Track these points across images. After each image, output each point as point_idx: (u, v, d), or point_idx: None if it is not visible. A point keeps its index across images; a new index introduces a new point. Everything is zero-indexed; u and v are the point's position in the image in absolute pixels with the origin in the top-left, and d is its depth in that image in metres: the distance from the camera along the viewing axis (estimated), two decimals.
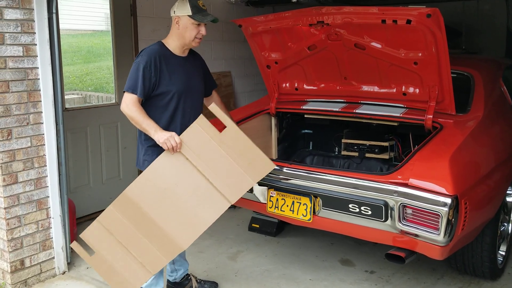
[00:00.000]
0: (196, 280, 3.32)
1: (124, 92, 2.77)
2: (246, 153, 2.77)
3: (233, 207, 3.89)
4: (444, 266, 3.63)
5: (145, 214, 2.74)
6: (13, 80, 3.16)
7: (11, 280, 3.31)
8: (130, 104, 2.73)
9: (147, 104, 2.83)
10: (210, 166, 2.74)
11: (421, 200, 2.71)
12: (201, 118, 2.74)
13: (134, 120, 2.74)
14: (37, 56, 3.27)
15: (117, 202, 2.76)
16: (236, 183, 2.76)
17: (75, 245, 2.78)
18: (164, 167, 2.74)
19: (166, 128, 2.82)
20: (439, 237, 2.68)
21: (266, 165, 2.82)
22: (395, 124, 3.61)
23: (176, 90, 2.84)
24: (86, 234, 2.79)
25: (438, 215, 2.65)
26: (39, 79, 3.30)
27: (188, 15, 2.81)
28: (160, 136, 2.68)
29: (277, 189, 3.28)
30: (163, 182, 2.75)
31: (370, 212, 2.88)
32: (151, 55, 2.78)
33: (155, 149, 2.82)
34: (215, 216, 2.78)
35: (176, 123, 2.88)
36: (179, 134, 2.72)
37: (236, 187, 2.77)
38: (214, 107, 2.74)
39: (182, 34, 2.86)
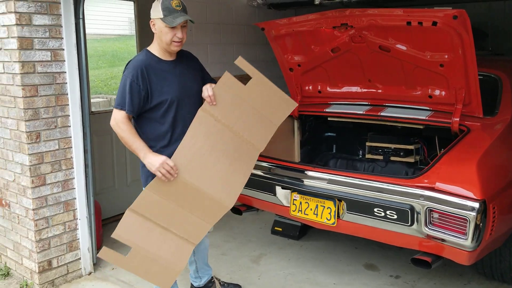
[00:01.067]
0: (220, 283, 3.34)
1: (114, 109, 2.61)
2: (270, 100, 2.87)
3: (256, 210, 3.90)
4: (471, 272, 3.56)
5: (186, 184, 2.64)
6: (41, 84, 3.23)
7: (39, 280, 3.37)
8: (119, 122, 2.56)
9: (144, 118, 2.68)
10: (239, 121, 2.78)
11: (448, 204, 2.66)
12: (226, 74, 2.79)
13: (123, 140, 2.59)
14: (64, 60, 3.33)
15: (153, 183, 2.63)
16: (263, 131, 2.87)
17: (104, 252, 2.61)
18: (196, 134, 2.66)
19: (170, 140, 2.69)
20: (467, 242, 2.63)
21: (289, 105, 2.92)
22: (421, 127, 3.56)
23: (171, 97, 2.65)
24: (119, 231, 2.61)
25: (466, 219, 2.60)
26: (66, 83, 3.36)
27: (160, 18, 2.61)
28: (151, 162, 2.54)
29: (300, 192, 3.26)
30: (199, 147, 2.67)
31: (395, 216, 2.85)
32: (137, 67, 2.60)
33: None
34: (250, 167, 2.85)
35: (178, 132, 2.70)
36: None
37: (263, 134, 2.87)
38: (240, 59, 2.82)
39: (159, 37, 2.66)
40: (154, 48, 2.73)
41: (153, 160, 2.54)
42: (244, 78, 2.86)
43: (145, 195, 2.63)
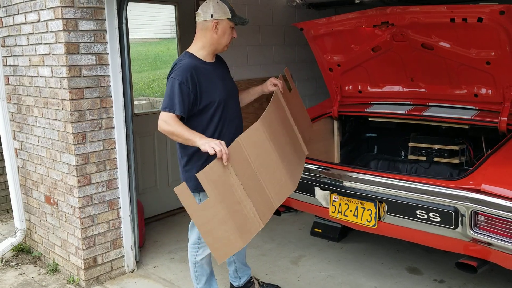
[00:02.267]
0: (259, 283, 3.34)
1: (161, 112, 2.60)
2: (301, 113, 3.11)
3: (295, 211, 3.89)
4: None
5: (268, 153, 2.56)
6: (87, 87, 3.35)
7: (85, 276, 3.49)
8: (168, 120, 2.55)
9: (192, 121, 2.66)
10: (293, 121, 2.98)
11: (494, 207, 2.56)
12: (287, 70, 3.12)
13: (175, 134, 2.53)
14: (108, 64, 3.44)
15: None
16: (303, 136, 3.10)
17: (180, 188, 2.25)
18: (271, 118, 2.70)
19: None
20: None
21: (309, 127, 3.37)
22: (466, 127, 3.45)
23: (219, 98, 2.69)
24: (206, 171, 2.31)
25: None
26: (110, 86, 3.47)
27: (228, 18, 2.68)
28: (207, 141, 2.41)
29: (340, 193, 3.23)
30: (275, 126, 2.73)
31: (439, 219, 2.77)
32: (186, 70, 2.61)
33: (197, 161, 2.68)
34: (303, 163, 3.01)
35: (224, 132, 2.71)
36: (228, 144, 2.44)
37: (304, 139, 3.11)
38: (287, 71, 3.12)
39: (219, 38, 2.69)
40: (198, 50, 2.74)
41: (209, 140, 2.41)
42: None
43: (238, 145, 2.45)
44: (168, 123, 2.55)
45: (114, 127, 3.51)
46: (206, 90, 2.66)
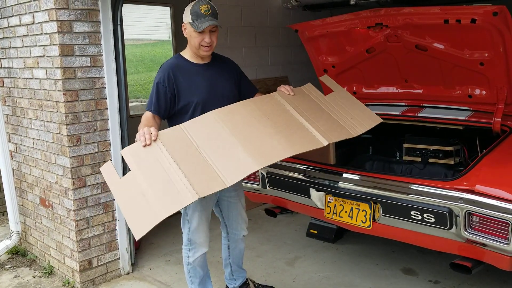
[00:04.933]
0: (254, 285, 3.34)
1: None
2: (351, 112, 2.86)
3: (290, 212, 3.89)
4: None
5: (221, 135, 2.45)
6: (81, 89, 3.35)
7: (80, 279, 3.48)
8: (142, 118, 2.62)
9: (173, 120, 2.72)
10: (310, 115, 2.72)
11: (488, 207, 2.57)
12: (309, 85, 2.88)
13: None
14: (103, 66, 3.43)
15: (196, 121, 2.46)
16: (333, 132, 2.72)
17: (105, 167, 2.31)
18: (236, 110, 2.59)
19: None
20: (509, 246, 2.52)
21: (374, 120, 2.91)
22: (461, 127, 3.46)
23: (198, 100, 2.67)
24: (130, 149, 2.34)
25: (508, 223, 2.50)
26: (105, 87, 3.46)
27: (189, 23, 2.64)
28: (140, 129, 2.43)
29: (335, 194, 3.23)
30: (251, 112, 2.59)
31: (433, 220, 2.77)
32: (166, 70, 2.67)
33: None
34: (299, 149, 2.56)
35: None
36: None
37: (332, 133, 2.71)
38: (325, 77, 2.93)
39: (189, 41, 2.71)
40: (186, 52, 2.79)
41: (139, 131, 2.41)
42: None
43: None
44: (142, 119, 2.62)
45: (109, 129, 3.51)
46: (185, 90, 2.67)
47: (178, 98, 2.67)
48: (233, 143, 2.43)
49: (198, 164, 2.31)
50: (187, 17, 2.66)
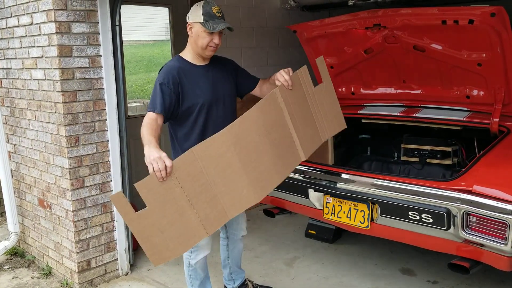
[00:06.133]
0: (253, 285, 3.35)
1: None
2: (328, 111, 2.84)
3: (289, 212, 3.89)
4: None
5: (229, 165, 2.42)
6: (80, 90, 3.35)
7: (78, 279, 3.48)
8: (144, 123, 2.51)
9: (176, 123, 2.71)
10: (299, 119, 2.70)
11: (486, 208, 2.58)
12: (304, 68, 2.77)
13: (141, 133, 2.47)
14: (102, 66, 3.43)
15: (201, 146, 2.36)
16: (311, 141, 2.77)
17: (116, 196, 2.23)
18: (262, 112, 2.54)
19: (187, 140, 2.69)
20: (506, 247, 2.53)
21: (339, 125, 2.93)
22: (458, 128, 3.47)
23: (203, 102, 2.66)
24: (144, 183, 2.24)
25: (505, 224, 2.51)
26: (103, 88, 3.46)
27: (200, 23, 2.61)
28: (150, 153, 2.27)
29: (333, 195, 3.24)
30: (258, 128, 2.53)
31: (431, 220, 2.78)
32: (168, 72, 2.63)
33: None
34: (288, 172, 2.68)
35: (209, 135, 2.53)
36: None
37: (310, 144, 2.77)
38: (321, 60, 2.82)
39: (195, 41, 2.67)
40: (187, 53, 2.75)
41: (152, 152, 2.26)
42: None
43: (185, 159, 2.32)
44: (143, 124, 2.52)
45: (107, 130, 3.51)
46: (189, 93, 2.65)
47: (182, 100, 2.64)
48: (240, 176, 2.45)
49: (210, 201, 2.37)
50: (197, 16, 2.62)
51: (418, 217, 2.82)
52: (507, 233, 2.51)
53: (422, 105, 3.63)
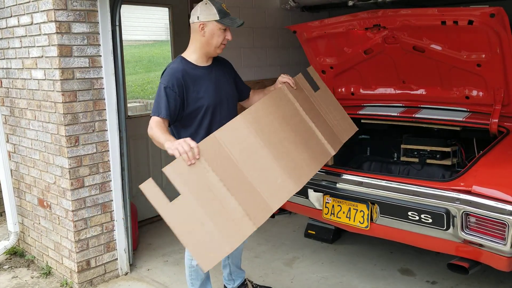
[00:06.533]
0: (253, 285, 3.35)
1: (151, 117, 2.56)
2: (335, 115, 2.92)
3: (289, 213, 3.90)
4: None
5: (256, 150, 2.33)
6: (80, 90, 3.35)
7: (78, 279, 3.48)
8: (151, 124, 2.49)
9: (181, 126, 2.67)
10: (313, 117, 2.73)
11: (485, 208, 2.58)
12: (299, 76, 2.85)
13: (154, 137, 2.45)
14: (101, 66, 3.44)
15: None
16: (332, 139, 2.83)
17: (147, 185, 2.06)
18: (261, 113, 2.47)
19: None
20: (506, 247, 2.54)
21: (352, 128, 3.01)
22: (458, 128, 3.47)
23: (208, 104, 2.64)
24: (173, 167, 2.10)
25: (505, 224, 2.51)
26: (103, 88, 3.47)
27: (215, 20, 2.59)
28: (172, 144, 2.22)
29: (332, 195, 3.24)
30: (265, 126, 2.46)
31: (430, 220, 2.78)
32: (173, 74, 2.58)
33: None
34: (319, 166, 2.68)
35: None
36: None
37: (333, 141, 2.84)
38: (311, 69, 2.92)
39: (207, 41, 2.63)
40: (190, 54, 2.70)
41: (175, 141, 2.22)
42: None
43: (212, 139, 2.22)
44: (151, 127, 2.49)
45: (107, 130, 3.51)
46: (194, 95, 2.62)
47: (187, 103, 2.61)
48: (270, 163, 2.35)
49: (247, 190, 2.22)
50: (210, 15, 2.60)
51: (417, 217, 2.82)
52: (506, 233, 2.52)
53: (421, 106, 3.64)
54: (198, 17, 2.62)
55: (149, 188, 2.03)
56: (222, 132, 2.27)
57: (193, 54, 2.70)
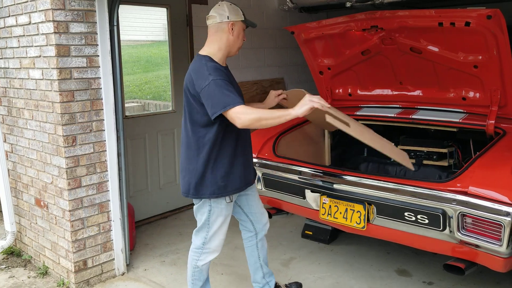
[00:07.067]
0: (285, 285, 3.32)
1: (223, 112, 2.42)
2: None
3: (286, 213, 3.90)
4: (509, 280, 3.43)
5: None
6: (77, 90, 3.35)
7: (75, 279, 3.48)
8: (244, 110, 2.40)
9: (217, 124, 2.57)
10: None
11: (481, 209, 2.59)
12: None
13: (263, 118, 2.39)
14: (99, 66, 3.44)
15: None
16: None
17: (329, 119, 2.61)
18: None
19: (235, 145, 2.65)
20: (502, 248, 2.55)
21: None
22: (455, 130, 3.49)
23: (242, 102, 2.54)
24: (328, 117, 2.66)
25: (500, 225, 2.52)
26: (101, 88, 3.47)
27: (242, 21, 2.65)
28: (301, 105, 2.41)
29: (329, 195, 3.25)
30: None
31: (427, 221, 2.79)
32: (217, 69, 2.53)
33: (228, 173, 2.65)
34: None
35: (244, 139, 2.70)
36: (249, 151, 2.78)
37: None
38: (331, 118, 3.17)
39: (235, 40, 2.65)
40: (215, 54, 2.64)
41: (302, 103, 2.42)
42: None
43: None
44: (247, 112, 2.39)
45: (104, 130, 3.51)
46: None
47: None
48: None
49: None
50: (238, 15, 2.63)
51: (414, 218, 2.83)
52: (502, 234, 2.53)
53: (418, 107, 3.65)
54: (228, 16, 2.62)
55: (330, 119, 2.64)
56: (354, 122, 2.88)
57: (218, 54, 2.65)
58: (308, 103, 2.43)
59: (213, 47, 2.66)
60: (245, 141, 2.77)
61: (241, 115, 2.40)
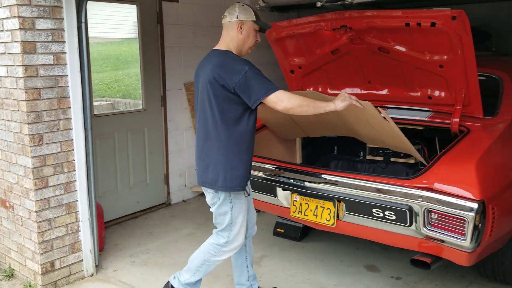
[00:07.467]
0: None
1: (266, 98, 2.52)
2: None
3: (257, 211, 3.92)
4: (473, 273, 3.55)
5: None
6: (44, 88, 3.27)
7: (42, 281, 3.40)
8: (285, 96, 2.52)
9: (247, 118, 2.65)
10: None
11: (446, 205, 2.67)
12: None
13: (304, 104, 2.52)
14: (66, 64, 3.37)
15: None
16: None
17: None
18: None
19: (252, 140, 2.72)
20: (465, 242, 2.63)
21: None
22: (421, 128, 3.57)
23: None
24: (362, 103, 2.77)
25: (464, 220, 2.60)
26: (68, 86, 3.40)
27: (253, 21, 2.69)
28: (340, 99, 2.57)
29: (300, 193, 3.28)
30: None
31: (394, 217, 2.85)
32: (247, 61, 2.64)
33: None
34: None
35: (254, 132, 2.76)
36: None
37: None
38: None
39: (244, 40, 2.71)
40: (233, 50, 2.73)
41: (340, 98, 2.59)
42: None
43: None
44: (290, 97, 2.52)
45: (72, 129, 3.44)
46: None
47: None
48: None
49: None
50: (248, 15, 2.68)
51: (381, 214, 2.89)
52: (466, 229, 2.61)
53: (386, 106, 3.71)
54: (237, 16, 2.69)
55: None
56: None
57: (234, 51, 2.73)
58: (348, 99, 2.60)
59: (230, 44, 2.74)
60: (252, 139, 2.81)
61: (285, 99, 2.51)
